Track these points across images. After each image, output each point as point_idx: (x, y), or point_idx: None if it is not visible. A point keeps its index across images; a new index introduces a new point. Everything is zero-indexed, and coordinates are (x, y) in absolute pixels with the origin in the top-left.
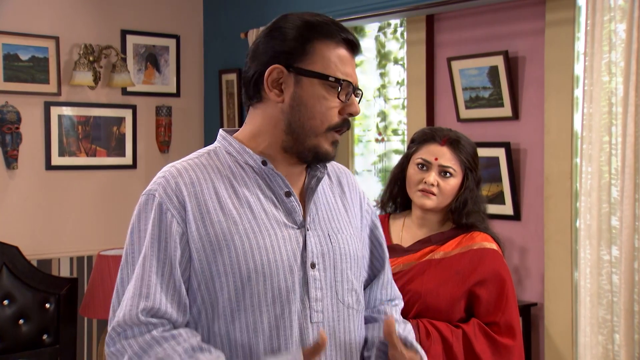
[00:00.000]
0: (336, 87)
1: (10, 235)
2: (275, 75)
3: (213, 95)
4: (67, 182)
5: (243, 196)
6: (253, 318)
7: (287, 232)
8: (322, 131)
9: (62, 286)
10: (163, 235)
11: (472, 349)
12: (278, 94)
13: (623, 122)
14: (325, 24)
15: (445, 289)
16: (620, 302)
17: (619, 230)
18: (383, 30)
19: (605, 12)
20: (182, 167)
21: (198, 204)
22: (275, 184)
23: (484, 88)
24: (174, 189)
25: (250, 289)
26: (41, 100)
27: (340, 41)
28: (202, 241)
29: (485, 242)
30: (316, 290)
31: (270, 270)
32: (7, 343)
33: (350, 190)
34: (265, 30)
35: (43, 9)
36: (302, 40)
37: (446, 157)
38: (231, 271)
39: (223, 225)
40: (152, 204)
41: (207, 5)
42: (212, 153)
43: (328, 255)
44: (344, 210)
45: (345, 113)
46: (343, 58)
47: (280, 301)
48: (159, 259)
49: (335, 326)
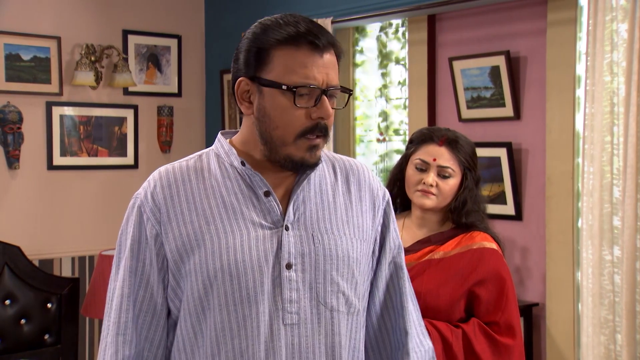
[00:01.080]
0: (292, 95)
1: (12, 235)
2: (243, 87)
3: (214, 95)
4: (69, 182)
5: (219, 197)
6: (221, 317)
7: (261, 232)
8: (290, 140)
9: (63, 286)
10: (143, 237)
11: (472, 348)
12: (248, 106)
13: (625, 122)
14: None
15: (445, 289)
16: (622, 302)
17: (621, 230)
18: (385, 30)
19: (607, 11)
20: (165, 170)
21: (173, 205)
22: (255, 183)
23: (486, 88)
24: (152, 192)
25: (217, 288)
26: (43, 100)
27: (302, 45)
28: (175, 241)
29: (485, 241)
30: (291, 292)
31: (238, 270)
32: (9, 343)
33: (359, 189)
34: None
35: (45, 9)
36: (262, 50)
37: (445, 158)
38: (199, 270)
39: (195, 225)
40: (135, 206)
41: (209, 5)
42: (204, 155)
43: (309, 255)
44: (343, 209)
45: (314, 117)
46: (305, 62)
47: (248, 301)
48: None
49: (315, 328)
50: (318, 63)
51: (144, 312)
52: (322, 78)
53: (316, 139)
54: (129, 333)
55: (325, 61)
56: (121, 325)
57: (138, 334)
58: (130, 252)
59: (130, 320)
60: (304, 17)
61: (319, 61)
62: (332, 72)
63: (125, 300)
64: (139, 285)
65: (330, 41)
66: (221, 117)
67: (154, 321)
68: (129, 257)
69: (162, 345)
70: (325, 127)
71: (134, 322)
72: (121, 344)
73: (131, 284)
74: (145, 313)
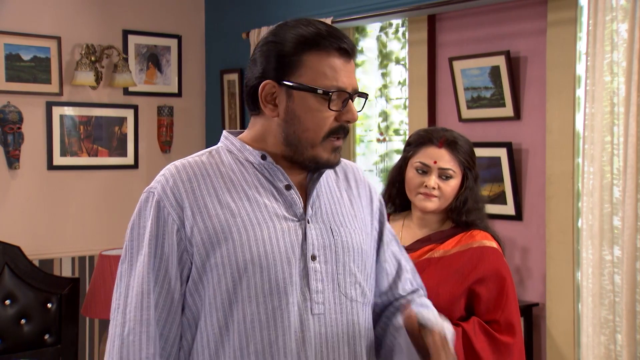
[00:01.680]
0: (326, 99)
1: (12, 235)
2: (269, 90)
3: (214, 95)
4: (69, 182)
5: (242, 190)
6: (250, 309)
7: (286, 225)
8: (318, 142)
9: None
10: (161, 232)
11: (472, 347)
12: (273, 108)
13: (625, 122)
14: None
15: (445, 288)
16: (623, 302)
17: (621, 230)
18: (385, 30)
19: (607, 11)
20: (181, 165)
21: (196, 199)
22: (275, 177)
23: (486, 88)
24: (172, 187)
25: (247, 280)
26: (43, 100)
27: (331, 50)
28: (201, 235)
29: (485, 240)
30: (317, 282)
31: (267, 261)
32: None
33: (358, 185)
34: (262, 40)
35: (45, 9)
36: (291, 54)
37: (445, 159)
38: (228, 263)
39: (221, 218)
40: (152, 201)
41: (209, 5)
42: (214, 152)
43: (330, 248)
44: (350, 204)
45: (341, 120)
46: (335, 67)
47: (278, 293)
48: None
49: (338, 318)
50: (347, 68)
51: (160, 308)
52: (350, 83)
53: (338, 141)
54: (152, 331)
55: (352, 66)
56: (144, 322)
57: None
58: (148, 248)
59: (152, 317)
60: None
61: (347, 67)
62: (355, 77)
63: (146, 297)
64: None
65: (355, 47)
66: (221, 117)
67: (170, 318)
68: (147, 254)
69: (177, 342)
70: (348, 129)
71: (155, 320)
72: (145, 342)
73: (150, 280)
74: (162, 309)
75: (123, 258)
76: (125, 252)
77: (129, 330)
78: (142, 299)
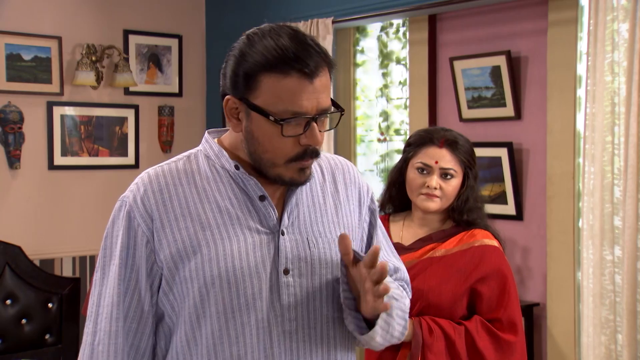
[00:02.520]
0: (279, 125)
1: (13, 234)
2: (231, 105)
3: (215, 95)
4: (70, 182)
5: (214, 201)
6: (218, 325)
7: (257, 238)
8: (280, 163)
9: (64, 286)
10: (132, 242)
11: (474, 345)
12: (236, 123)
13: (626, 122)
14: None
15: (447, 287)
16: (623, 302)
17: (622, 230)
18: (385, 30)
19: (608, 11)
20: (154, 174)
21: (166, 211)
22: (249, 187)
23: (487, 88)
24: (142, 196)
25: (215, 295)
26: (44, 100)
27: (291, 72)
28: (169, 248)
29: (486, 239)
30: (289, 297)
31: (235, 276)
32: (10, 343)
33: (346, 187)
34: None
35: (46, 9)
36: (249, 74)
37: (446, 159)
38: (196, 277)
39: (190, 231)
40: (123, 211)
41: (210, 5)
42: (192, 156)
43: (305, 260)
44: (334, 210)
45: (303, 144)
46: (293, 90)
47: (247, 308)
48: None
49: (312, 334)
50: (308, 90)
51: (130, 319)
52: (312, 105)
53: (306, 162)
54: (120, 342)
55: (315, 87)
56: (112, 334)
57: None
58: (119, 259)
59: (121, 328)
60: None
61: (309, 88)
62: (324, 95)
63: (115, 308)
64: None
65: (320, 63)
66: (222, 117)
67: (140, 328)
68: (117, 264)
69: (148, 353)
70: (315, 151)
71: (124, 330)
72: (112, 353)
73: (120, 291)
74: (132, 320)
75: (97, 266)
76: (99, 260)
77: (99, 340)
78: (112, 310)
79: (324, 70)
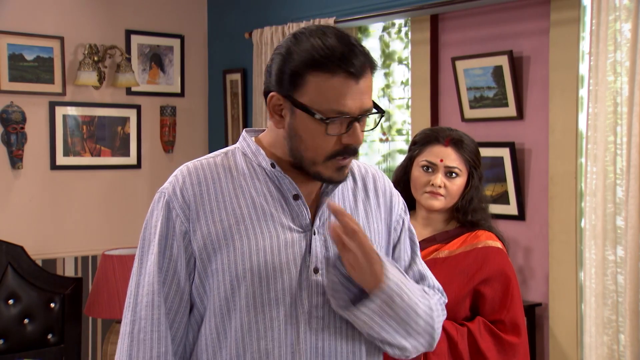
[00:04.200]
0: (324, 124)
1: (15, 234)
2: (275, 102)
3: (217, 95)
4: (72, 182)
5: (249, 197)
6: (248, 318)
7: (290, 236)
8: (320, 161)
9: (66, 286)
10: (170, 232)
11: (477, 347)
12: (279, 120)
13: (628, 121)
14: (324, 54)
15: (451, 288)
16: (626, 302)
17: (624, 230)
18: (387, 30)
19: (610, 11)
20: (193, 167)
21: (202, 203)
22: (284, 186)
23: (489, 88)
24: (181, 187)
25: (246, 289)
26: (46, 100)
27: (338, 71)
28: (203, 239)
29: (489, 240)
30: (317, 296)
31: (267, 271)
32: (12, 342)
33: (377, 195)
34: (276, 49)
35: (48, 9)
36: (296, 72)
37: (451, 158)
38: (227, 269)
39: (225, 224)
40: (162, 201)
41: (212, 5)
42: (230, 153)
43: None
44: (364, 216)
45: (344, 143)
46: (339, 89)
47: (277, 304)
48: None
49: (338, 332)
50: (353, 90)
51: (168, 308)
52: (357, 105)
53: (345, 160)
54: (163, 329)
55: (360, 87)
56: (155, 321)
57: (171, 332)
58: (158, 248)
59: (163, 316)
60: (339, 33)
61: (354, 88)
62: (367, 96)
63: (156, 296)
64: (166, 281)
65: (365, 64)
66: (224, 117)
67: (177, 318)
68: (156, 253)
69: (183, 342)
70: (355, 150)
71: (166, 318)
72: (156, 341)
73: (160, 280)
74: (169, 309)
75: (136, 257)
76: (138, 252)
77: (139, 328)
78: (153, 299)
79: (368, 72)
